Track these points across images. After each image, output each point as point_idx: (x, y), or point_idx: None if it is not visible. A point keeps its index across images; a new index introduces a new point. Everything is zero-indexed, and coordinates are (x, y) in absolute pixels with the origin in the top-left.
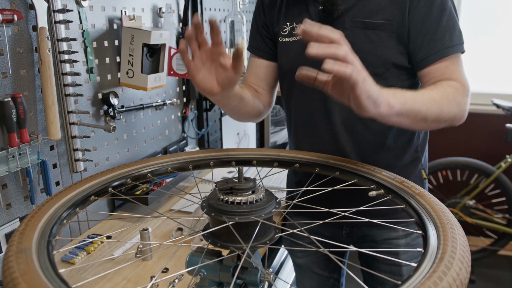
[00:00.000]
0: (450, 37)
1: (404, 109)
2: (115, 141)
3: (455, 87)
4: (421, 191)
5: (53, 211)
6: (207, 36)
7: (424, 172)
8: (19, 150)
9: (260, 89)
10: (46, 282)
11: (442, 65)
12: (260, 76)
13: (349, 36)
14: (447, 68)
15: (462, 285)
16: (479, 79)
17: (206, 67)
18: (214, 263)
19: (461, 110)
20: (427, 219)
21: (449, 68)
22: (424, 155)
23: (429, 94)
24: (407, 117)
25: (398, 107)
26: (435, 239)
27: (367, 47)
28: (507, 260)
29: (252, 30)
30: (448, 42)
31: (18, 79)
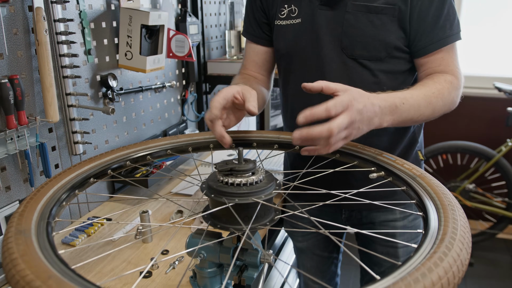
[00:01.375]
0: (450, 26)
1: (397, 122)
2: (114, 124)
3: (450, 82)
4: (422, 173)
5: (52, 193)
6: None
7: (421, 153)
8: (17, 132)
9: (260, 75)
10: (46, 263)
11: (439, 55)
12: (260, 63)
13: (351, 20)
14: (443, 59)
15: (463, 265)
16: (481, 62)
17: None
18: (214, 245)
19: (453, 103)
20: (427, 201)
21: (445, 59)
22: (420, 136)
23: (426, 95)
24: (399, 124)
25: (391, 123)
26: (436, 221)
27: (370, 30)
28: (506, 243)
29: (247, 15)
30: (448, 31)
31: (14, 60)
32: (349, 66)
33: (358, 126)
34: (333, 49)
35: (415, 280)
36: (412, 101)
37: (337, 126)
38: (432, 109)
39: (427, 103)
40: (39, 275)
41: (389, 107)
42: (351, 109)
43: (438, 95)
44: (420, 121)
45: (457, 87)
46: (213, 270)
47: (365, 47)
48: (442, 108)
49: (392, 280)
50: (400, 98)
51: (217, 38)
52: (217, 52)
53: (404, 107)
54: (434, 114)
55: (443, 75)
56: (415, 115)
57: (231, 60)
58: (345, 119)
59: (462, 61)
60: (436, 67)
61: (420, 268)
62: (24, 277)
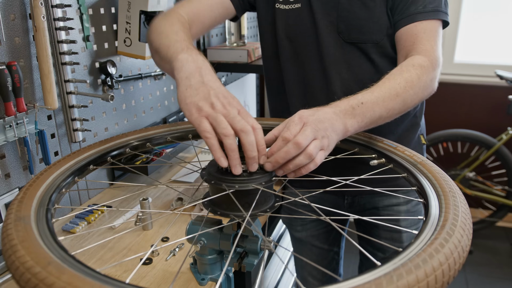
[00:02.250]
0: (425, 3)
1: (365, 123)
2: (113, 111)
3: (420, 66)
4: (422, 160)
5: (51, 180)
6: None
7: (423, 137)
8: (16, 119)
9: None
10: (45, 249)
11: (412, 32)
12: (212, 15)
13: (345, 3)
14: (417, 36)
15: (464, 252)
16: (482, 50)
17: None
18: (214, 232)
19: (428, 88)
20: (428, 187)
21: (419, 37)
22: (421, 120)
23: (391, 88)
24: (370, 125)
25: (358, 126)
26: (437, 207)
27: (364, 14)
28: (505, 231)
29: None
30: (421, 7)
31: (12, 47)
32: (346, 51)
33: (326, 134)
34: (330, 34)
35: (416, 266)
36: (373, 99)
37: (301, 137)
38: (401, 101)
39: (393, 96)
40: (39, 261)
41: (344, 111)
42: (306, 120)
43: (406, 85)
44: (393, 115)
45: (429, 70)
46: (213, 257)
47: (360, 30)
48: (415, 96)
49: (393, 266)
50: (357, 99)
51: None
52: (216, 39)
53: (364, 107)
54: (406, 105)
55: (413, 59)
56: (382, 112)
57: (231, 47)
58: (306, 130)
59: (464, 49)
60: (410, 46)
61: (421, 254)
62: (24, 263)
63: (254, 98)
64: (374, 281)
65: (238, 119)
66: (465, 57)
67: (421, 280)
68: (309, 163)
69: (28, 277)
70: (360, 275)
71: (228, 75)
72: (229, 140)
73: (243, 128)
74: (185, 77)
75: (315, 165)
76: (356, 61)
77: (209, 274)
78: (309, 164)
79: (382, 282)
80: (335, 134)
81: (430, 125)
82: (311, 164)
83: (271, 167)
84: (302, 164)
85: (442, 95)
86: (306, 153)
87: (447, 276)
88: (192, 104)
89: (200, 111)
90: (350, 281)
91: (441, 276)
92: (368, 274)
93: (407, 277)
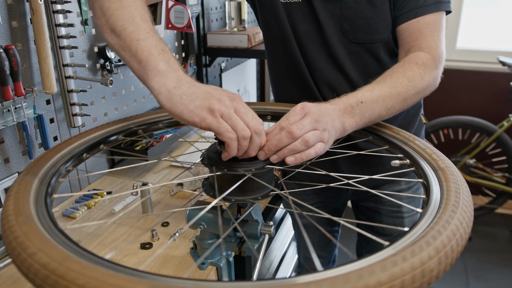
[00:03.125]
0: None
1: (363, 122)
2: (113, 96)
3: (424, 64)
4: (425, 144)
5: (51, 164)
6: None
7: (423, 117)
8: (14, 103)
9: None
10: (44, 233)
11: (414, 27)
12: None
13: (350, 2)
14: (420, 32)
15: (466, 233)
16: (485, 36)
17: None
18: (214, 216)
19: (431, 86)
20: (428, 169)
21: (422, 32)
22: (421, 101)
23: (392, 86)
24: (369, 123)
25: (353, 128)
26: (436, 183)
27: (371, 13)
28: (504, 218)
29: None
30: (422, 0)
31: (9, 30)
32: (351, 51)
33: (327, 128)
34: (334, 34)
35: (419, 247)
36: (373, 97)
37: (296, 126)
38: (402, 100)
39: (394, 95)
40: (40, 245)
41: (343, 109)
42: (307, 111)
43: (408, 84)
44: (393, 114)
45: (433, 68)
46: (213, 241)
47: (367, 30)
48: (415, 96)
49: (400, 247)
50: (357, 98)
51: (216, 10)
52: (217, 24)
53: (363, 106)
54: (406, 104)
55: (416, 56)
56: (382, 111)
57: (231, 32)
58: (304, 120)
59: (466, 35)
60: (413, 42)
61: (425, 236)
62: (25, 248)
63: (255, 83)
64: (390, 258)
65: (249, 119)
66: (467, 43)
67: (425, 262)
68: (308, 149)
69: (29, 262)
70: (366, 257)
71: (228, 61)
72: (245, 142)
73: (255, 129)
74: (172, 87)
75: (316, 152)
76: (361, 60)
77: (209, 259)
78: (308, 150)
79: (386, 264)
80: (334, 131)
81: (431, 111)
82: (311, 149)
83: (264, 156)
84: (298, 150)
85: (444, 81)
86: (303, 139)
87: (456, 252)
88: (200, 108)
89: (213, 112)
90: (363, 260)
91: (450, 252)
92: (374, 256)
93: (411, 259)
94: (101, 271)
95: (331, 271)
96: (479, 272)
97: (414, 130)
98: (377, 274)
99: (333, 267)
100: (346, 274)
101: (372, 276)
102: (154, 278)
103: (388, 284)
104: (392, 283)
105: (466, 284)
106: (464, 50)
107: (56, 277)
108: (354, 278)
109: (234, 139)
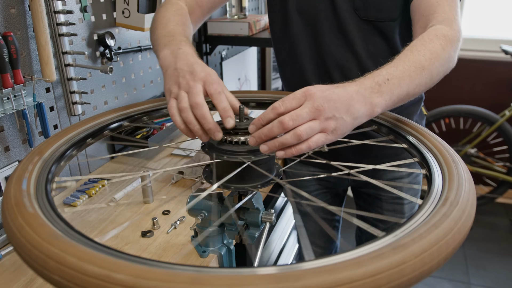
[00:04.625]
0: None
1: (392, 102)
2: (113, 84)
3: (444, 36)
4: (424, 130)
5: (51, 152)
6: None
7: (424, 108)
8: (14, 91)
9: (199, 10)
10: (46, 222)
11: (432, 0)
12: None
13: None
14: (438, 4)
15: (470, 216)
16: (487, 24)
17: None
18: (215, 204)
19: (451, 61)
20: (430, 157)
21: (441, 4)
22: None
23: (416, 61)
24: (397, 103)
25: (382, 108)
26: (439, 175)
27: None
28: (504, 207)
29: None
30: None
31: (7, 17)
32: (363, 28)
33: (333, 115)
34: (347, 10)
35: (428, 230)
36: (399, 74)
37: (290, 116)
38: (428, 75)
39: (419, 70)
40: (41, 234)
41: (370, 88)
42: (310, 98)
43: (432, 57)
44: (419, 92)
45: (453, 40)
46: (214, 229)
47: (378, 7)
48: (440, 69)
49: (408, 230)
50: (383, 75)
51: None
52: (217, 12)
53: (390, 84)
54: (432, 79)
55: (435, 29)
56: (410, 87)
57: (231, 19)
58: (302, 108)
59: (468, 23)
60: (431, 15)
61: (430, 220)
62: (26, 236)
63: (255, 72)
64: (391, 244)
65: (193, 94)
66: (469, 31)
67: (426, 249)
68: (299, 144)
69: (30, 250)
70: (367, 244)
71: (228, 49)
72: (184, 113)
73: (194, 102)
74: (164, 71)
75: (308, 147)
76: (372, 39)
77: (210, 247)
78: (300, 145)
79: (388, 252)
80: (351, 117)
81: (432, 100)
82: (302, 145)
83: (255, 143)
84: (289, 144)
85: None
86: (295, 133)
87: (462, 234)
88: (167, 91)
89: (170, 94)
90: (365, 247)
91: (457, 235)
92: (374, 243)
93: (412, 246)
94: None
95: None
96: (479, 261)
97: (414, 122)
98: (376, 262)
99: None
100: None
101: (372, 263)
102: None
103: (387, 272)
104: (391, 271)
105: (466, 273)
106: (467, 38)
107: (56, 264)
108: (353, 265)
109: (174, 115)
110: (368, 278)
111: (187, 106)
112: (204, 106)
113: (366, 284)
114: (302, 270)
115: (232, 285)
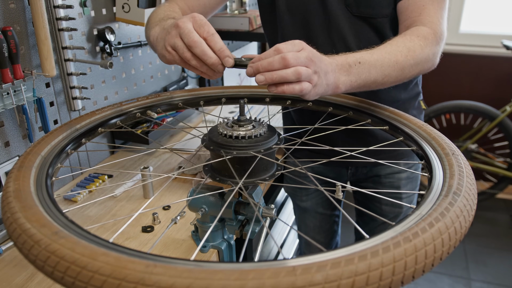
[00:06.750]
0: None
1: (357, 84)
2: (113, 80)
3: (425, 37)
4: (424, 125)
5: (50, 148)
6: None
7: (422, 102)
8: (14, 86)
9: (201, 9)
10: (46, 216)
11: (419, 1)
12: (208, 5)
13: None
14: (424, 7)
15: (472, 210)
16: (489, 19)
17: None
18: (215, 199)
19: (429, 61)
20: (428, 149)
21: (427, 8)
22: (420, 87)
23: (391, 53)
24: (362, 87)
25: (349, 85)
26: (441, 177)
27: None
28: (504, 203)
29: None
30: None
31: (7, 11)
32: (354, 24)
33: (319, 71)
34: (338, 7)
35: (429, 224)
36: (372, 61)
37: (292, 54)
38: (400, 69)
39: (393, 62)
40: (41, 229)
41: (341, 65)
42: (306, 48)
43: (408, 54)
44: (388, 83)
45: (434, 43)
46: (215, 224)
47: (370, 4)
48: (414, 67)
49: (410, 223)
50: (356, 58)
51: None
52: None
53: (361, 67)
54: (404, 74)
55: (418, 29)
56: (378, 76)
57: (232, 14)
58: (301, 53)
59: (470, 18)
60: (416, 17)
61: (427, 218)
62: (26, 230)
63: None
64: (391, 239)
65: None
66: (471, 27)
67: (428, 243)
68: (294, 83)
69: (30, 244)
70: (365, 240)
71: (229, 44)
72: (179, 52)
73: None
74: (155, 43)
75: (301, 90)
76: (365, 35)
77: (210, 242)
78: (294, 85)
79: (389, 245)
80: (325, 82)
81: (433, 96)
82: (296, 85)
83: (252, 73)
84: (287, 79)
85: (446, 65)
86: (296, 70)
87: (464, 228)
88: (161, 49)
89: (165, 52)
90: (367, 241)
91: (459, 227)
92: (374, 238)
93: (414, 240)
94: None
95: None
96: (479, 257)
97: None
98: (380, 255)
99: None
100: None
101: (376, 256)
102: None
103: (391, 265)
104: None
105: (466, 268)
106: (468, 34)
107: (56, 258)
108: (356, 259)
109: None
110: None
111: (181, 44)
112: (201, 43)
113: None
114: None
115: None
